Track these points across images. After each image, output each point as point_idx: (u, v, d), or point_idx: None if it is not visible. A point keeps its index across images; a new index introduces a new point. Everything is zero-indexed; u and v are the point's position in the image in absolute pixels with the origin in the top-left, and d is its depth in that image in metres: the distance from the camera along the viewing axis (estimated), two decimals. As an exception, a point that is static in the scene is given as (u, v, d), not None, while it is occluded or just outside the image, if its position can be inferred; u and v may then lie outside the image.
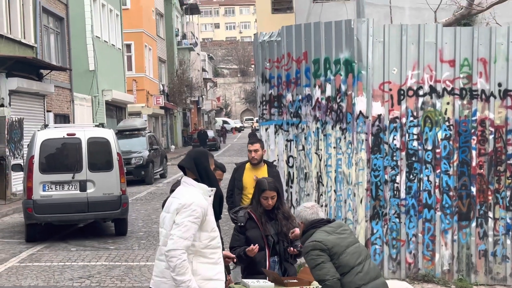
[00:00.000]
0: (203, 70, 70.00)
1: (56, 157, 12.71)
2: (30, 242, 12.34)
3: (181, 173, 4.93)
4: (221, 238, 4.96)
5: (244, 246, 5.60)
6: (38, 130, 13.05)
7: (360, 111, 8.59)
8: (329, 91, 8.91)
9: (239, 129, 78.53)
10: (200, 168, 4.62)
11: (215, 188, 4.65)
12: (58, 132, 13.02)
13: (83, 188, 12.36)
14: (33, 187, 12.17)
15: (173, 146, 47.54)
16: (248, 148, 8.07)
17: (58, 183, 12.32)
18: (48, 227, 13.14)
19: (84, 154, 12.44)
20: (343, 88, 8.75)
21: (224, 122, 79.45)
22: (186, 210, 4.45)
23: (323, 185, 9.04)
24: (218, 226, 4.83)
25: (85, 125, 16.29)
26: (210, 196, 4.62)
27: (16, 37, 20.07)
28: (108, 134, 12.92)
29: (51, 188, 12.30)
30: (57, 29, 25.00)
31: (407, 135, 8.56)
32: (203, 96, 67.11)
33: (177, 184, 5.16)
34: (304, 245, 5.08)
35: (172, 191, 5.08)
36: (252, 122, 78.13)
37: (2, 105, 18.45)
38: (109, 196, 12.47)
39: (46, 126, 13.70)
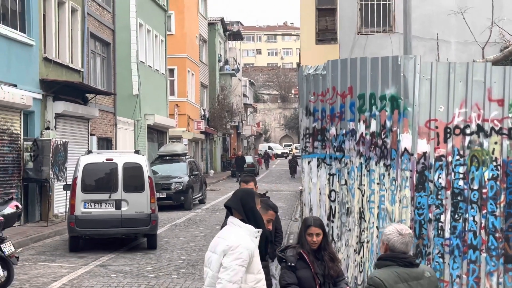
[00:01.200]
0: (244, 95, 70.41)
1: (96, 179, 14.47)
2: (73, 252, 13.99)
3: (219, 200, 4.92)
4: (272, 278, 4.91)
5: None
6: (82, 155, 14.91)
7: (405, 148, 8.50)
8: (373, 127, 8.84)
9: (285, 156, 75.89)
10: (246, 209, 4.61)
11: (261, 230, 4.63)
12: (99, 157, 14.89)
13: (118, 206, 14.09)
14: (75, 205, 13.97)
15: (212, 171, 47.76)
16: (241, 186, 7.80)
17: (97, 201, 14.09)
18: (90, 244, 14.48)
19: (119, 177, 14.21)
20: (388, 124, 8.67)
21: (269, 148, 79.46)
22: (233, 252, 4.44)
23: (365, 221, 8.95)
24: (266, 266, 4.80)
25: (122, 152, 18.78)
26: (256, 238, 4.60)
27: (64, 61, 20.51)
28: (141, 160, 14.68)
29: (91, 206, 14.07)
30: (103, 54, 25.48)
31: (452, 173, 8.42)
32: (243, 122, 67.41)
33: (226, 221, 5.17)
34: (372, 272, 4.72)
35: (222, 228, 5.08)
36: (291, 149, 77.75)
37: (48, 128, 18.80)
38: (140, 214, 14.14)
39: (89, 152, 15.50)
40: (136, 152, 15.59)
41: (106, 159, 14.53)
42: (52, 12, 19.74)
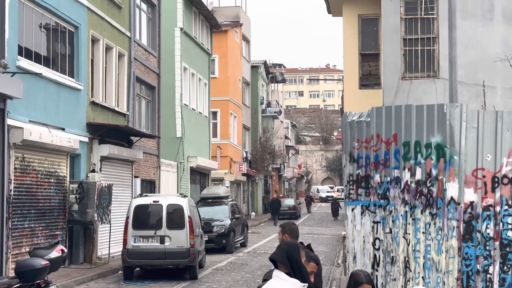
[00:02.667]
0: (286, 137, 70.52)
1: (144, 217, 16.72)
2: (127, 280, 16.09)
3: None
4: None
5: None
6: (134, 198, 17.84)
7: (452, 197, 8.40)
8: (419, 175, 8.76)
9: (329, 199, 69.84)
10: (292, 262, 4.58)
11: (307, 284, 4.59)
12: (147, 199, 17.19)
13: (162, 241, 16.33)
14: (127, 239, 16.30)
15: (253, 213, 47.68)
16: (278, 231, 7.61)
17: (145, 237, 16.39)
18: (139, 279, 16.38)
19: (164, 216, 16.49)
20: (434, 172, 8.59)
21: (318, 190, 79.13)
22: (279, 307, 4.41)
23: (410, 271, 8.79)
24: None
25: (166, 194, 21.63)
26: (302, 292, 4.56)
27: (110, 105, 20.92)
28: (183, 201, 16.87)
29: (140, 240, 16.36)
30: (148, 97, 25.93)
31: (501, 224, 8.25)
32: (285, 163, 67.35)
33: (269, 273, 5.13)
34: None
35: (264, 280, 5.05)
36: (333, 191, 77.01)
37: (94, 171, 19.09)
38: (181, 248, 16.28)
39: (141, 195, 18.00)
40: (181, 194, 18.18)
41: (153, 201, 16.87)
42: (100, 57, 20.25)
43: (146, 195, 17.96)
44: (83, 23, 18.85)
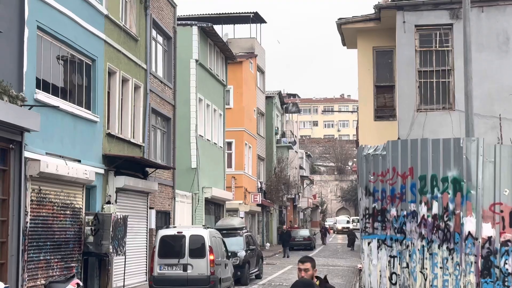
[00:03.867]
0: (301, 167, 70.40)
1: (169, 247, 18.14)
2: None
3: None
4: None
5: None
6: (161, 229, 19.39)
7: (469, 232, 8.35)
8: (435, 209, 8.74)
9: (345, 231, 65.37)
10: (309, 301, 4.58)
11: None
12: (172, 230, 18.76)
13: (185, 269, 17.79)
14: (154, 267, 17.99)
15: (268, 244, 47.43)
16: (298, 266, 7.54)
17: (169, 265, 17.90)
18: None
19: (186, 246, 17.96)
20: (451, 207, 8.56)
21: (336, 222, 78.73)
22: None
23: (428, 306, 8.70)
24: None
25: (189, 226, 23.32)
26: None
27: (126, 137, 21.04)
28: (204, 232, 18.24)
29: (165, 268, 17.92)
30: (163, 128, 26.07)
31: (520, 259, 8.16)
32: (300, 194, 67.11)
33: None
34: None
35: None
36: (350, 223, 76.46)
37: (109, 202, 19.13)
38: (202, 275, 17.62)
39: (167, 227, 19.68)
40: (204, 226, 19.95)
41: (177, 232, 18.32)
42: (116, 89, 20.42)
43: (175, 227, 19.77)
44: (100, 56, 19.06)
